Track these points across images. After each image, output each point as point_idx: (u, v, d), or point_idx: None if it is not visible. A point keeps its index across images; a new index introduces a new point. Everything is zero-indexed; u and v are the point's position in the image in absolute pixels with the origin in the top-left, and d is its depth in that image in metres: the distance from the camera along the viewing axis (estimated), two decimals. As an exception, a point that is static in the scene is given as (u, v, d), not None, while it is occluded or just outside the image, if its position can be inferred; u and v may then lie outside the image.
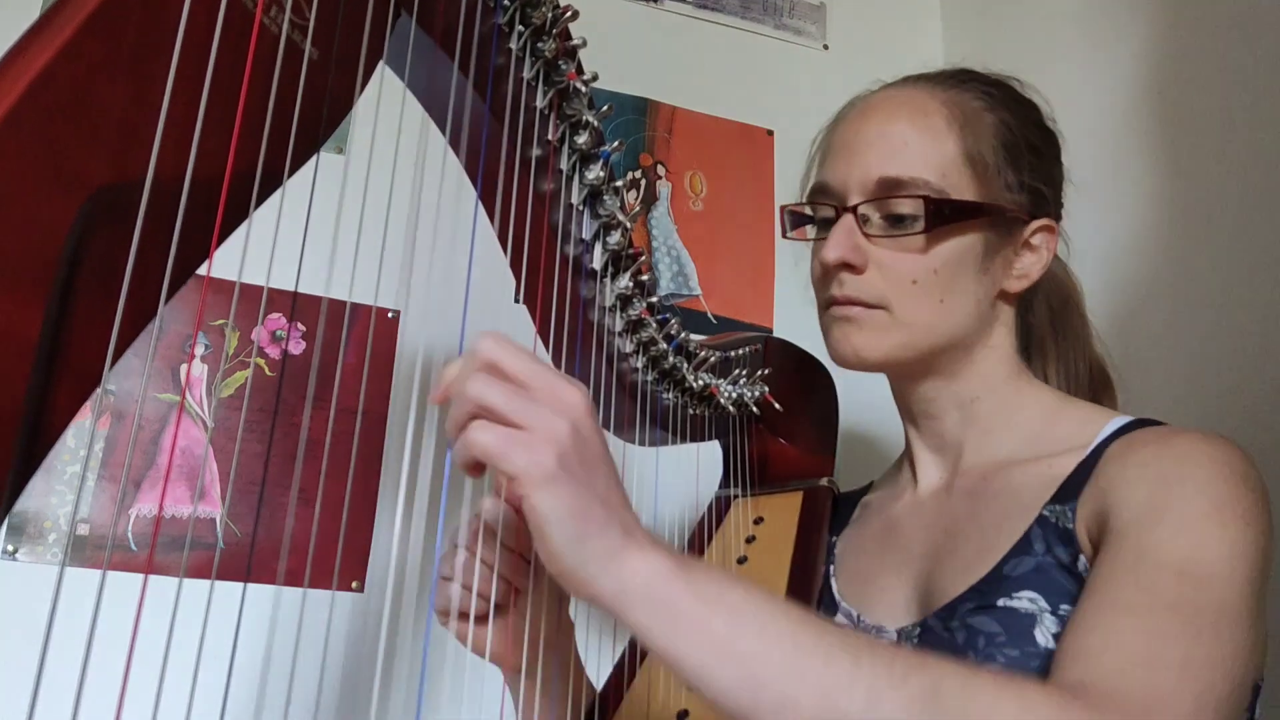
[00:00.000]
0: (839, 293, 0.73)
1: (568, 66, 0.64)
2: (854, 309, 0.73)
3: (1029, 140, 0.75)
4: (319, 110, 0.48)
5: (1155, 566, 0.56)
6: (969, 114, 0.73)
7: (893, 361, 0.74)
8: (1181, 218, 1.08)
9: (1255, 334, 0.96)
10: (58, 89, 0.37)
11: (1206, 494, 0.59)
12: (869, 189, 0.72)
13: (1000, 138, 0.73)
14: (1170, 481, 0.60)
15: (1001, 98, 0.76)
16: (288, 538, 1.11)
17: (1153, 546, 0.57)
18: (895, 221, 0.72)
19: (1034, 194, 0.74)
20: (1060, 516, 0.65)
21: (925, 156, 0.71)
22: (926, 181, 0.71)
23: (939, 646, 0.66)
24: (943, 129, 0.72)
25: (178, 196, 0.41)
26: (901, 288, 0.72)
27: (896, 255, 0.72)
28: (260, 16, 0.44)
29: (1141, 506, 0.60)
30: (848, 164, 0.74)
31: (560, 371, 0.50)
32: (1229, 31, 1.04)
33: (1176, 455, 0.62)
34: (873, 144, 0.73)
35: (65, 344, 0.38)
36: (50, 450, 0.39)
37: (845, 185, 0.73)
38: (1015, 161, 0.73)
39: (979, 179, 0.72)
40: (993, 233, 0.73)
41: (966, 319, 0.74)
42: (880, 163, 0.72)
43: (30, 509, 1.03)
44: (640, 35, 1.48)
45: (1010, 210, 0.73)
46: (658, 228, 1.42)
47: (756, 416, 0.98)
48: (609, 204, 0.70)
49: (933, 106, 0.74)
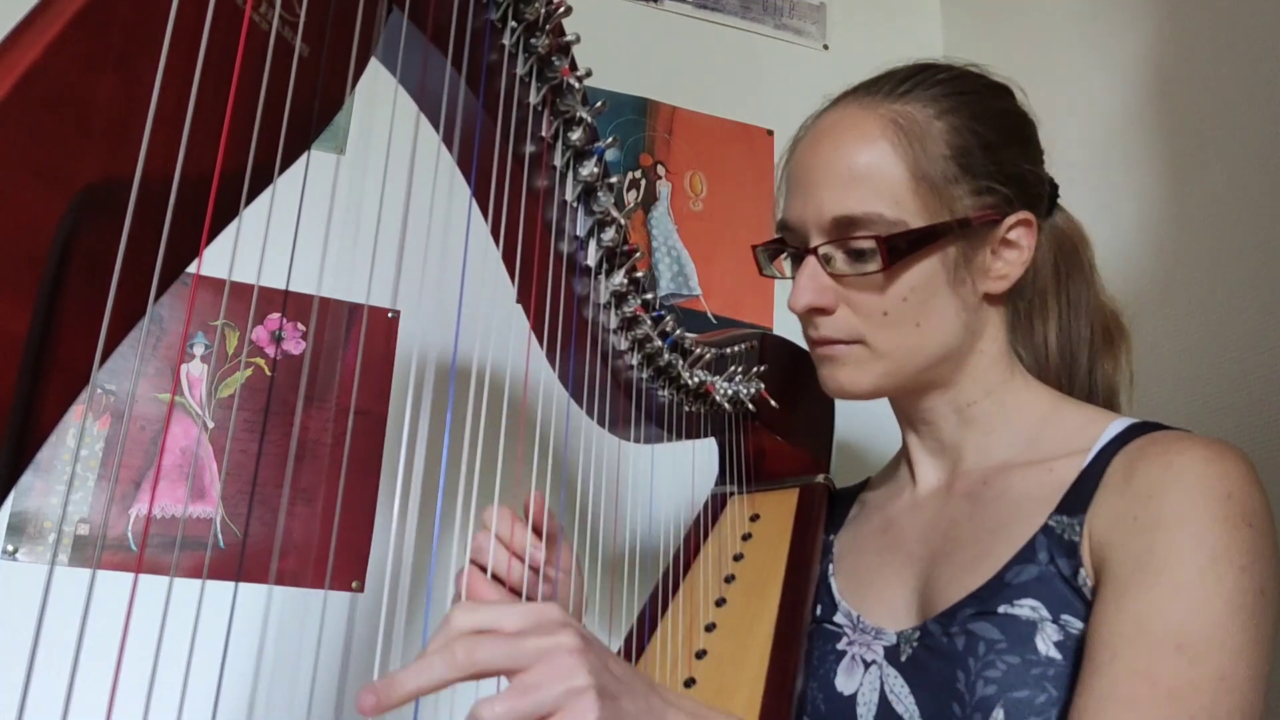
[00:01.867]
0: (815, 335, 0.74)
1: (561, 62, 0.64)
2: (833, 348, 0.73)
3: (984, 139, 0.72)
4: (310, 107, 0.48)
5: (1153, 644, 0.57)
6: (914, 128, 0.71)
7: (883, 389, 0.75)
8: (1181, 218, 1.08)
9: (1253, 335, 0.96)
10: (46, 85, 0.37)
11: (1204, 543, 0.59)
12: (825, 229, 0.71)
13: (951, 146, 0.71)
14: (1168, 523, 0.60)
15: (952, 97, 0.73)
16: (283, 538, 1.11)
17: (1150, 615, 0.58)
18: (856, 257, 0.71)
19: (999, 193, 0.72)
20: (1067, 529, 0.65)
21: (875, 188, 0.70)
22: (880, 215, 0.69)
23: (939, 651, 0.66)
24: (888, 153, 0.70)
25: (167, 194, 0.40)
26: (874, 321, 0.72)
27: (863, 293, 0.71)
28: (250, 13, 0.44)
29: (1141, 555, 0.60)
30: (803, 202, 0.73)
31: (531, 609, 0.49)
32: (1229, 32, 1.04)
33: (1178, 488, 0.62)
34: (822, 181, 0.72)
35: (54, 342, 0.38)
36: (40, 449, 0.39)
37: (804, 225, 0.73)
38: (970, 168, 0.71)
39: (934, 197, 0.70)
40: (958, 246, 0.71)
41: (949, 334, 0.73)
42: (832, 201, 0.71)
43: (30, 509, 1.04)
44: (640, 35, 1.48)
45: (976, 218, 0.71)
46: (657, 228, 1.42)
47: (752, 413, 0.98)
48: (603, 200, 0.70)
49: (877, 129, 0.71)
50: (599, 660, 0.47)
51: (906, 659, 0.69)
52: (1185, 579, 0.59)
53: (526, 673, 0.45)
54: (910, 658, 0.69)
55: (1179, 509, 0.61)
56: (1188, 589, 0.58)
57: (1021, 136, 0.76)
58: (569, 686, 0.46)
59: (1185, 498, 0.61)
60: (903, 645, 0.70)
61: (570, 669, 0.46)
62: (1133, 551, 0.61)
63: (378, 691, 0.43)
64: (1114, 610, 0.60)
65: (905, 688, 0.68)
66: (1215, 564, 0.59)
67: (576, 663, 0.46)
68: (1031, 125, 0.77)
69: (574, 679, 0.46)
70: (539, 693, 0.45)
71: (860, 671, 0.72)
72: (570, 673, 0.46)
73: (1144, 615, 0.58)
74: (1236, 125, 1.01)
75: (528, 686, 0.45)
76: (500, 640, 0.46)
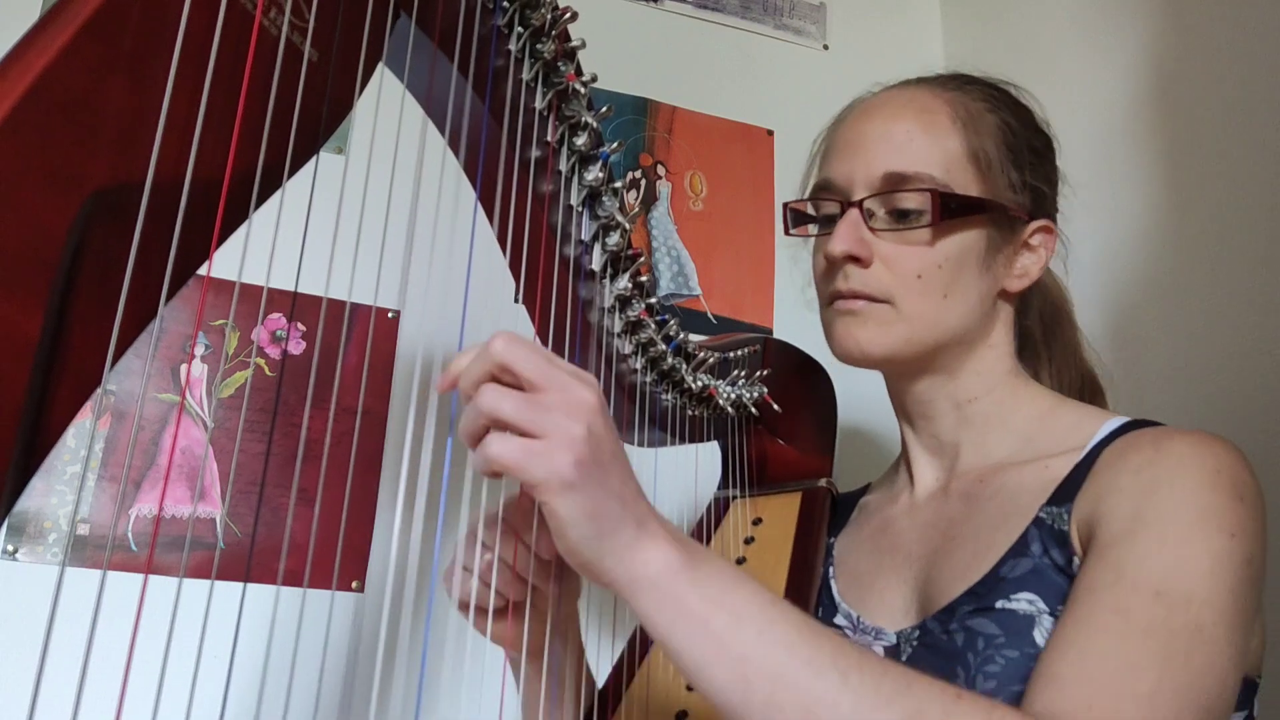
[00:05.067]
0: (844, 286, 0.73)
1: (567, 68, 0.64)
2: (859, 303, 0.73)
3: (1030, 142, 0.76)
4: (318, 111, 0.48)
5: (1132, 587, 0.57)
6: (972, 113, 0.74)
7: (897, 357, 0.75)
8: (1180, 219, 1.08)
9: (1252, 336, 0.96)
10: (58, 90, 0.37)
11: (1192, 503, 0.59)
12: (874, 184, 0.73)
13: (1002, 137, 0.74)
14: (1158, 488, 0.60)
15: (1002, 100, 0.77)
16: (288, 538, 1.11)
17: (1132, 563, 0.58)
18: (900, 216, 0.72)
19: (1034, 194, 0.75)
20: (1056, 519, 0.66)
21: (930, 152, 0.72)
22: (932, 176, 0.71)
23: (938, 649, 0.66)
24: (947, 126, 0.73)
25: (177, 197, 0.41)
26: (906, 282, 0.72)
27: (901, 249, 0.72)
28: (260, 18, 0.44)
29: (1127, 519, 0.60)
30: (852, 160, 0.74)
31: (572, 367, 0.50)
32: (1229, 32, 1.04)
33: (1168, 461, 0.62)
34: (878, 140, 0.74)
35: (65, 344, 0.38)
36: (50, 451, 0.39)
37: (850, 181, 0.74)
38: (1017, 161, 0.74)
39: (982, 176, 0.73)
40: (995, 230, 0.73)
41: (968, 315, 0.74)
42: (885, 158, 0.72)
43: (30, 509, 1.04)
44: (640, 35, 1.49)
45: (1012, 209, 0.74)
46: (658, 228, 1.42)
47: (755, 417, 0.98)
48: (608, 205, 0.70)
49: (936, 105, 0.74)
50: (593, 460, 0.48)
51: (907, 658, 0.69)
52: (1171, 533, 0.58)
53: (529, 442, 0.47)
54: (911, 656, 0.69)
55: (1169, 474, 0.61)
56: (1174, 542, 0.58)
57: (1053, 154, 0.79)
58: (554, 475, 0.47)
59: (1177, 466, 0.61)
60: (903, 645, 0.70)
61: (562, 458, 0.47)
62: (1120, 516, 0.61)
63: None
64: (1094, 562, 0.60)
65: None
66: (1204, 523, 0.58)
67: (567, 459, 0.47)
68: (1054, 145, 0.80)
69: (561, 471, 0.47)
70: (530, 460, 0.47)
71: (861, 672, 0.72)
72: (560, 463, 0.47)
73: (1125, 562, 0.58)
74: (1237, 125, 1.02)
75: (529, 450, 0.47)
76: (522, 400, 0.48)
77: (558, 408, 0.48)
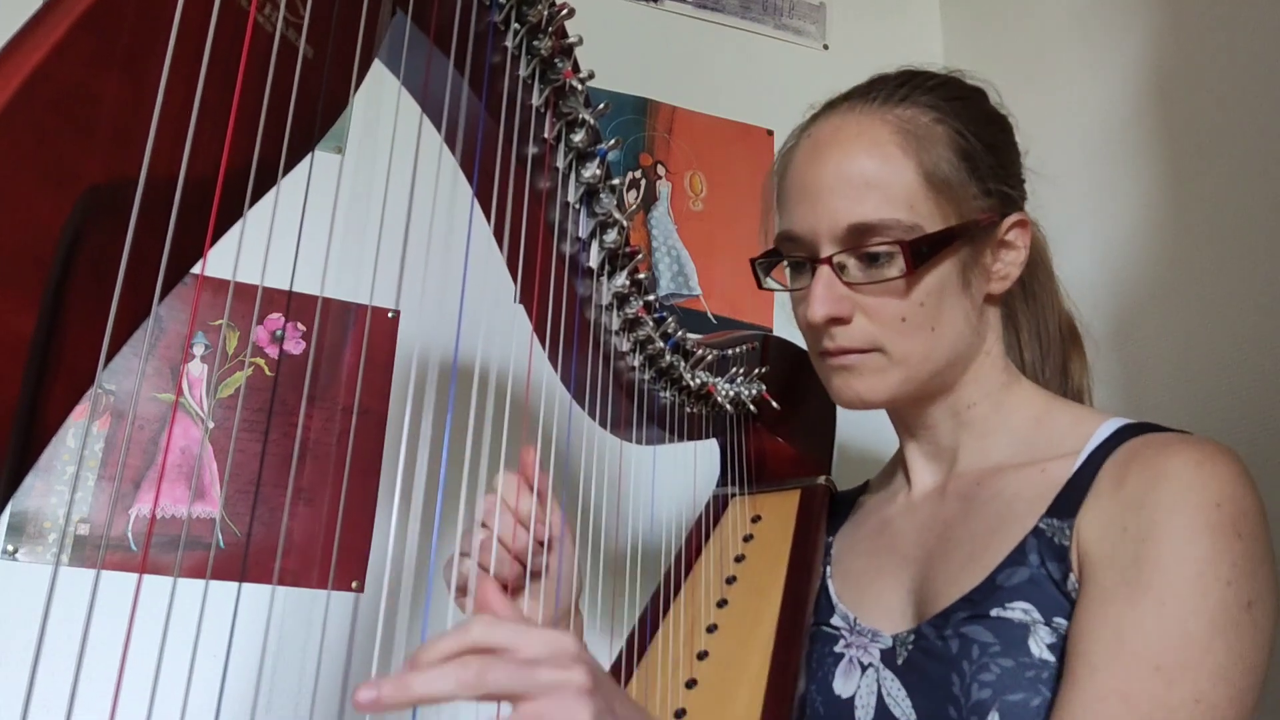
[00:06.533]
0: (832, 345, 0.73)
1: (564, 64, 0.64)
2: (850, 357, 0.72)
3: (986, 140, 0.73)
4: (314, 108, 0.48)
5: (1131, 662, 0.58)
6: (920, 132, 0.71)
7: (899, 397, 0.74)
8: (1180, 217, 1.08)
9: (1252, 335, 0.96)
10: (51, 86, 0.37)
11: (1190, 556, 0.59)
12: (840, 237, 0.71)
13: (956, 148, 0.72)
14: (1158, 539, 0.60)
15: (949, 101, 0.74)
16: (285, 538, 1.11)
17: (1131, 630, 0.58)
18: (872, 262, 0.70)
19: (998, 194, 0.73)
20: (1057, 533, 0.65)
21: (889, 194, 0.69)
22: (898, 220, 0.69)
23: (934, 655, 0.66)
24: (899, 157, 0.70)
25: (172, 194, 0.41)
26: (892, 328, 0.71)
27: (880, 300, 0.71)
28: (254, 14, 0.44)
29: (1126, 569, 0.60)
30: (813, 211, 0.72)
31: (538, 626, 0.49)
32: (1229, 32, 1.04)
33: (1167, 499, 0.61)
34: (834, 191, 0.71)
35: (59, 342, 0.38)
36: (45, 449, 0.39)
37: (815, 234, 0.72)
38: (976, 170, 0.72)
39: (946, 199, 0.71)
40: (969, 247, 0.72)
41: (959, 339, 0.73)
42: (847, 210, 0.70)
43: (30, 509, 1.04)
44: (640, 35, 1.48)
45: (982, 219, 0.72)
46: (657, 228, 1.42)
47: (754, 415, 0.98)
48: (605, 202, 0.70)
49: (884, 134, 0.71)
50: (605, 703, 0.47)
51: (902, 662, 0.69)
52: (1169, 595, 0.58)
53: (532, 702, 0.45)
54: (906, 661, 0.69)
55: (1167, 519, 0.60)
56: (1171, 605, 0.58)
57: (1010, 138, 0.78)
58: None
59: (1174, 506, 0.61)
60: (898, 648, 0.70)
61: (575, 710, 0.45)
62: (1119, 562, 0.61)
63: (382, 689, 0.43)
64: (1097, 620, 0.60)
65: (902, 691, 0.68)
66: (1201, 579, 0.58)
67: (583, 705, 0.45)
68: (1010, 125, 0.78)
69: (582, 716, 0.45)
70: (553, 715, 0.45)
71: (857, 674, 0.72)
72: (574, 714, 0.45)
73: (1124, 630, 0.58)
74: (1236, 125, 1.01)
75: (530, 718, 0.45)
76: (513, 666, 0.45)
77: (550, 663, 0.46)
